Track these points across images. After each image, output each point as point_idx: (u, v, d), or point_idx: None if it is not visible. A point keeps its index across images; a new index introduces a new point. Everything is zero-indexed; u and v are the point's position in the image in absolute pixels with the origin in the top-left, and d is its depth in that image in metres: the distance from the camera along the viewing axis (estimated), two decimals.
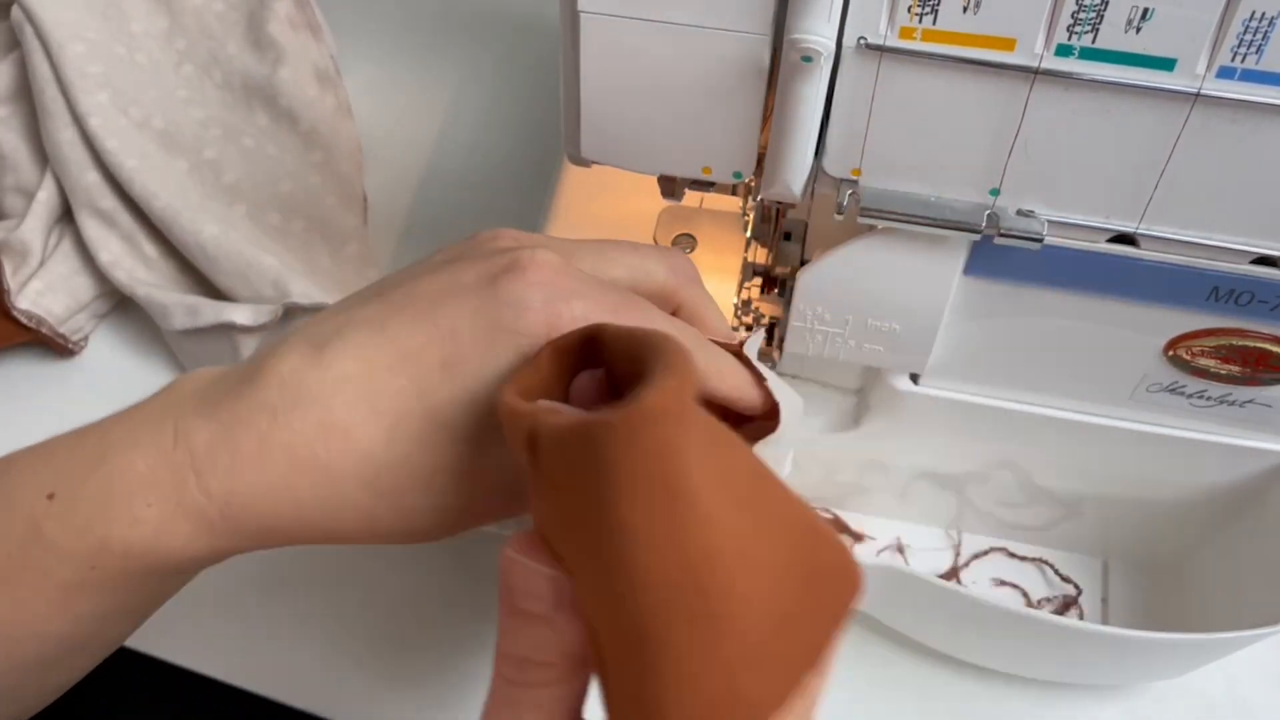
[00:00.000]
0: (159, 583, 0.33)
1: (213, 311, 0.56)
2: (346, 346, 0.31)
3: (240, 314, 0.56)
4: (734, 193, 0.45)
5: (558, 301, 0.31)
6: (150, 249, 0.60)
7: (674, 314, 0.36)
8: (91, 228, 0.59)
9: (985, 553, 0.56)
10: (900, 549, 0.56)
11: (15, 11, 0.61)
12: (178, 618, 0.54)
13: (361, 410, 0.30)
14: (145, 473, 0.30)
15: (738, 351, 0.36)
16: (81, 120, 0.59)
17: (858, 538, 0.56)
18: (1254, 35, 0.31)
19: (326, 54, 0.67)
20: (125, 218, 0.59)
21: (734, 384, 0.34)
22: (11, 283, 0.57)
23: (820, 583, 0.25)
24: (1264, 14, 0.30)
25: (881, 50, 0.33)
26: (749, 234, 0.50)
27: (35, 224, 0.59)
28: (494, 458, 0.31)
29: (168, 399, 0.32)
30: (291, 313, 0.55)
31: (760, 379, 0.36)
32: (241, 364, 0.32)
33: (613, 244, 0.35)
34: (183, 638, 0.53)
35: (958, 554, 0.56)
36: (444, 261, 0.33)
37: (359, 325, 0.31)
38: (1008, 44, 0.33)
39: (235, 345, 0.56)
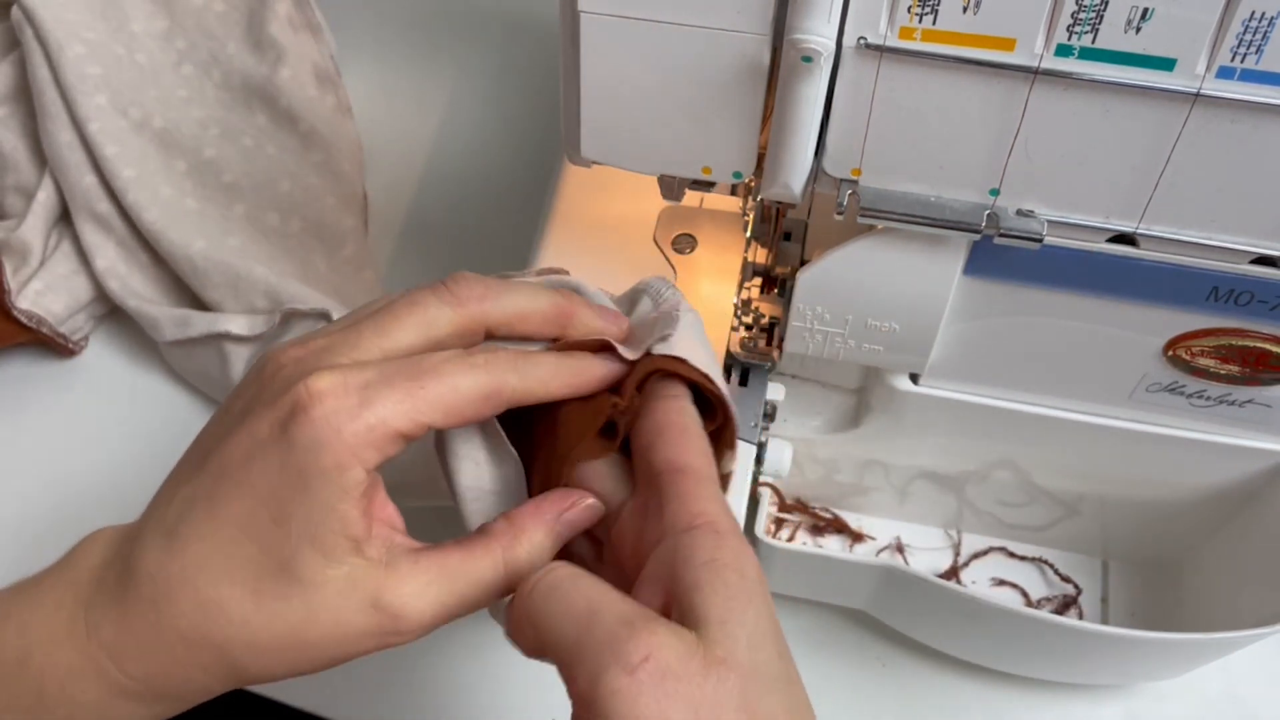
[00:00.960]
0: None
1: (205, 323, 0.56)
2: (190, 529, 0.33)
3: (236, 324, 0.56)
4: (734, 193, 0.45)
5: (352, 424, 0.31)
6: (145, 255, 0.60)
7: (489, 334, 0.36)
8: (88, 232, 0.59)
9: (985, 552, 0.56)
10: (900, 549, 0.56)
11: (15, 12, 0.61)
12: None
13: (225, 584, 0.32)
14: (72, 665, 0.33)
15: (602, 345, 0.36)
16: (80, 124, 0.59)
17: (858, 538, 0.56)
18: (1254, 35, 0.31)
19: (326, 54, 0.67)
20: (121, 223, 0.59)
21: (562, 392, 0.35)
22: (12, 282, 0.57)
23: None
24: (1264, 14, 0.31)
25: (881, 50, 0.33)
26: (749, 234, 0.50)
27: (35, 224, 0.59)
28: (350, 599, 0.32)
29: (72, 582, 0.34)
30: (289, 318, 0.55)
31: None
32: (126, 545, 0.34)
33: (389, 311, 0.35)
34: None
35: (957, 554, 0.56)
36: (241, 411, 0.34)
37: (194, 505, 0.33)
38: (1008, 44, 0.33)
39: (225, 356, 0.56)
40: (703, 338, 0.37)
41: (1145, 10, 0.31)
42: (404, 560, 0.33)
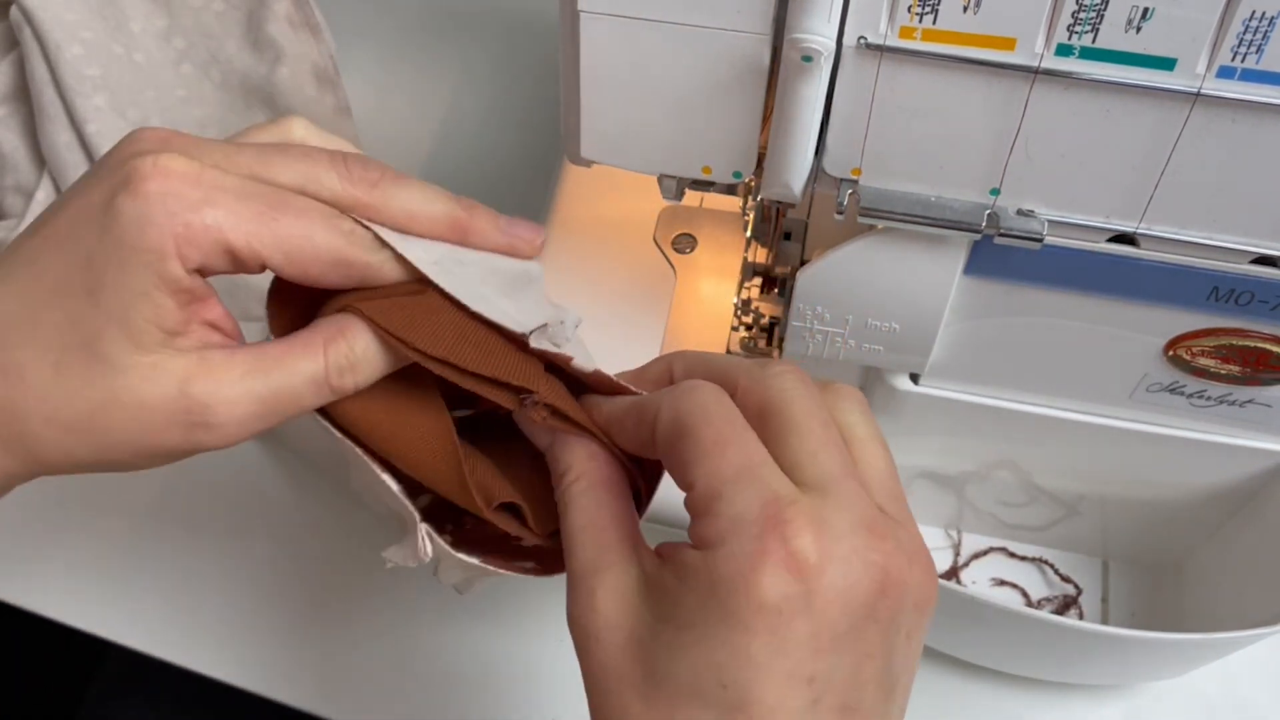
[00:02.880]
0: None
1: None
2: (7, 286, 0.32)
3: None
4: (734, 193, 0.45)
5: (184, 213, 0.30)
6: None
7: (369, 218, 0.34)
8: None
9: (985, 552, 0.56)
10: None
11: (14, 12, 0.61)
12: (179, 619, 0.54)
13: (29, 348, 0.31)
14: None
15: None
16: (79, 125, 0.59)
17: None
18: (1254, 35, 0.31)
19: (326, 54, 0.67)
20: None
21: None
22: None
23: None
24: (1264, 14, 0.30)
25: (882, 50, 0.33)
26: (749, 234, 0.50)
27: None
28: (156, 384, 0.31)
29: None
30: None
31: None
32: None
33: (279, 149, 0.33)
34: (184, 638, 0.53)
35: (958, 554, 0.56)
36: (85, 176, 0.32)
37: (17, 263, 0.32)
38: (1008, 44, 0.33)
39: None
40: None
41: (1146, 10, 0.31)
42: (218, 353, 0.32)
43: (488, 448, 0.37)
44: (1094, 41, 0.32)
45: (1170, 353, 0.42)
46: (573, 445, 0.34)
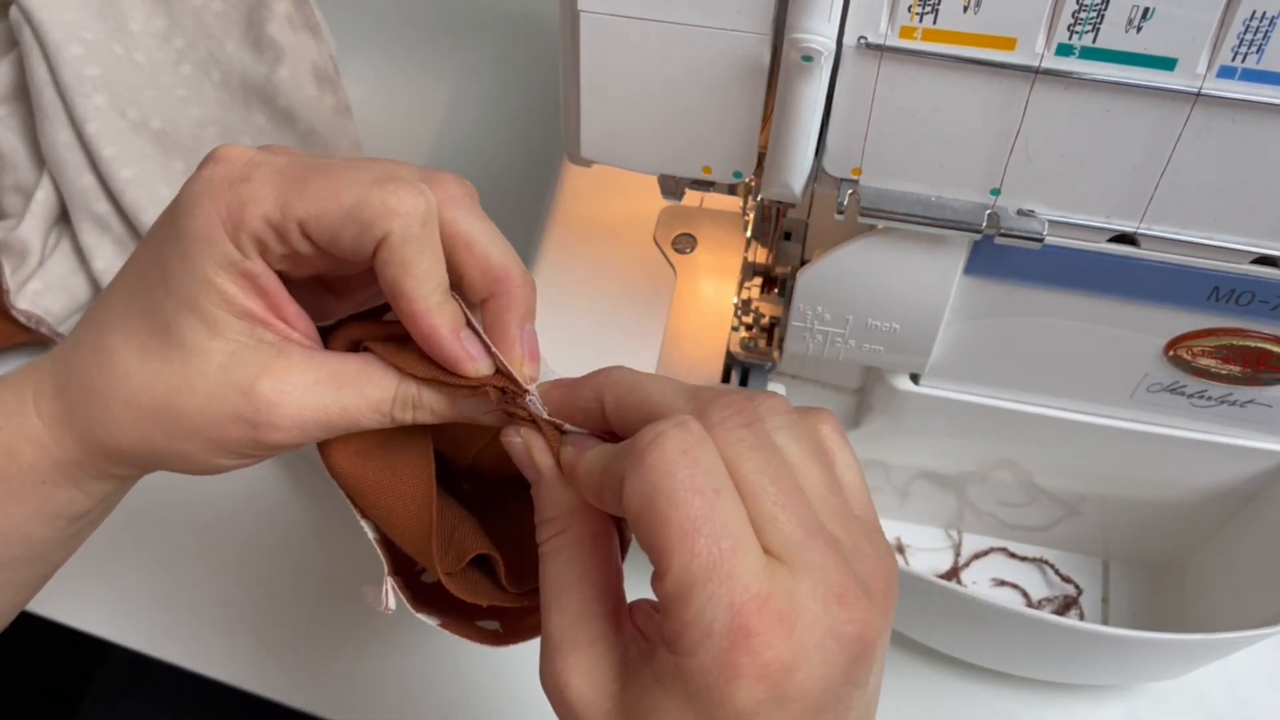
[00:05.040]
0: (26, 519, 0.35)
1: None
2: (116, 279, 0.34)
3: None
4: (734, 193, 0.45)
5: (228, 192, 0.31)
6: None
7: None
8: (86, 232, 0.59)
9: (985, 553, 0.56)
10: (900, 549, 0.56)
11: (13, 11, 0.61)
12: (179, 620, 0.54)
13: (118, 333, 0.33)
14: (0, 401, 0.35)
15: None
16: (79, 125, 0.59)
17: None
18: (1254, 35, 0.31)
19: (326, 53, 0.67)
20: (119, 223, 0.59)
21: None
22: (11, 282, 0.57)
23: None
24: (1264, 14, 0.30)
25: (882, 50, 0.33)
26: (749, 234, 0.50)
27: (34, 224, 0.59)
28: (230, 373, 0.32)
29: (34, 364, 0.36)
30: None
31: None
32: None
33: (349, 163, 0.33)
34: (184, 639, 0.53)
35: (958, 554, 0.56)
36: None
37: (129, 260, 0.34)
38: (1008, 43, 0.33)
39: None
40: None
41: (1146, 10, 0.31)
42: (297, 352, 0.33)
43: (489, 515, 0.37)
44: (1094, 41, 0.32)
45: (1171, 353, 0.42)
46: (556, 490, 0.33)
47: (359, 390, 0.33)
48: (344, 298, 0.37)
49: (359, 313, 0.37)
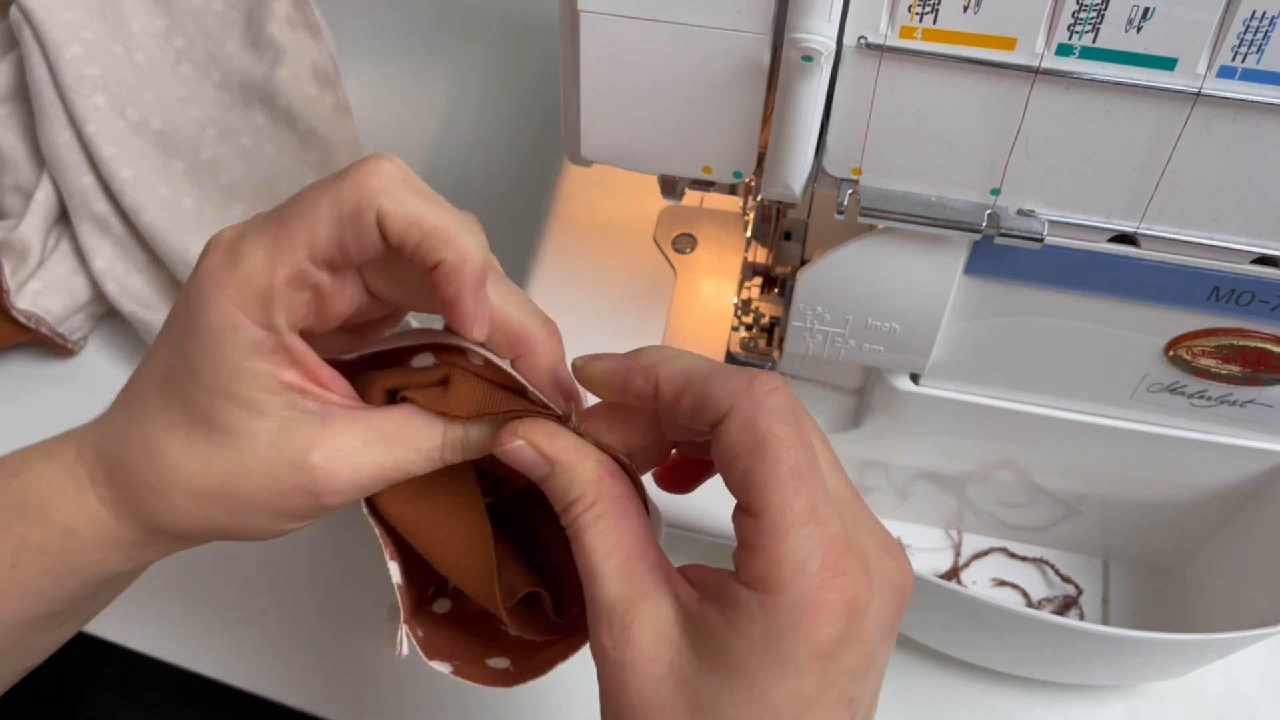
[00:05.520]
0: (81, 586, 0.35)
1: None
2: (139, 379, 0.34)
3: None
4: (734, 193, 0.45)
5: (230, 278, 0.32)
6: (142, 255, 0.60)
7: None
8: (86, 233, 0.59)
9: (985, 553, 0.56)
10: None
11: (13, 11, 0.61)
12: (179, 620, 0.54)
13: (159, 425, 0.33)
14: (54, 480, 0.34)
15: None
16: (79, 125, 0.59)
17: None
18: (1254, 35, 0.31)
19: (326, 53, 0.67)
20: (119, 223, 0.59)
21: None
22: (10, 282, 0.57)
23: None
24: (1264, 14, 0.30)
25: (882, 50, 0.33)
26: (749, 234, 0.50)
27: (34, 224, 0.59)
28: (282, 449, 0.33)
29: (79, 427, 0.36)
30: None
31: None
32: None
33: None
34: (183, 639, 0.53)
35: (958, 554, 0.56)
36: None
37: (152, 357, 0.34)
38: (1008, 43, 0.33)
39: None
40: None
41: (1146, 10, 0.31)
42: (341, 415, 0.33)
43: (511, 533, 0.37)
44: (1094, 41, 0.32)
45: (1171, 353, 0.42)
46: (576, 468, 0.33)
47: (408, 443, 0.34)
48: (365, 336, 0.37)
49: (382, 353, 0.36)
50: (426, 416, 0.34)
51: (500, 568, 0.35)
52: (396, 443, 0.33)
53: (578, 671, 0.32)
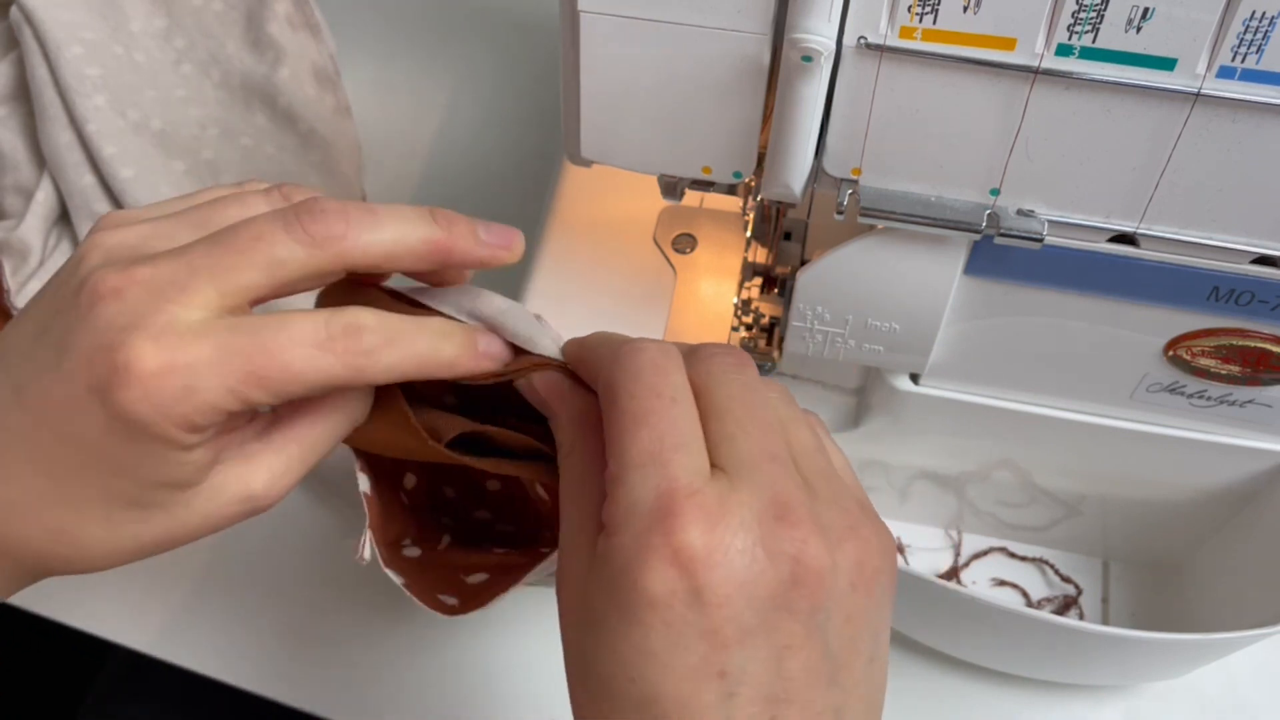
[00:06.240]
0: None
1: None
2: (20, 465, 0.31)
3: None
4: (734, 193, 0.45)
5: (179, 407, 0.29)
6: None
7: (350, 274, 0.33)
8: (87, 232, 0.59)
9: (985, 553, 0.56)
10: (900, 549, 0.56)
11: (14, 11, 0.61)
12: (179, 620, 0.54)
13: (69, 513, 0.31)
14: None
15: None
16: (79, 125, 0.59)
17: None
18: (1254, 35, 0.31)
19: (326, 54, 0.67)
20: None
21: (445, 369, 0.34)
22: (11, 282, 0.57)
23: None
24: (1264, 14, 0.30)
25: (882, 50, 0.33)
26: (749, 234, 0.50)
27: (35, 224, 0.59)
28: (216, 502, 0.32)
29: None
30: None
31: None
32: None
33: (230, 243, 0.30)
34: (183, 639, 0.53)
35: (958, 554, 0.56)
36: (54, 343, 0.30)
37: (16, 441, 0.31)
38: (1008, 44, 0.33)
39: None
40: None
41: (1146, 10, 0.31)
42: (256, 444, 0.33)
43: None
44: (1094, 41, 0.32)
45: (1170, 353, 0.42)
46: (565, 422, 0.34)
47: (321, 441, 0.34)
48: None
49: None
50: (330, 405, 0.34)
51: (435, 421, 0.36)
52: (312, 447, 0.34)
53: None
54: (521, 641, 0.53)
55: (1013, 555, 0.56)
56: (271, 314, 0.31)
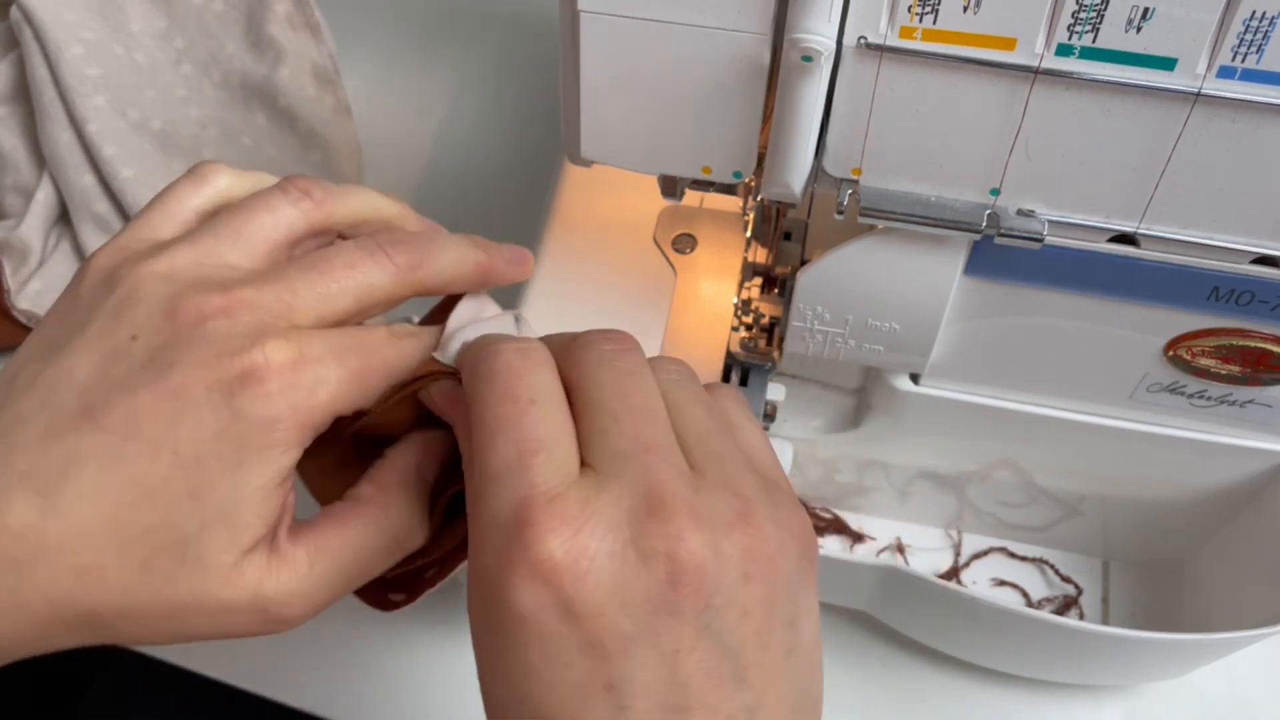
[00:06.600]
0: None
1: None
2: (78, 490, 0.29)
3: None
4: (734, 193, 0.45)
5: (308, 401, 0.29)
6: None
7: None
8: (87, 232, 0.59)
9: (985, 553, 0.56)
10: (900, 549, 0.56)
11: (14, 11, 0.61)
12: None
13: (112, 550, 0.29)
14: None
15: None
16: (79, 125, 0.59)
17: (858, 538, 0.56)
18: (1254, 35, 0.31)
19: (326, 54, 0.67)
20: (120, 223, 0.59)
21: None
22: (11, 282, 0.57)
23: None
24: (1264, 14, 0.30)
25: (882, 50, 0.33)
26: (749, 234, 0.50)
27: (35, 224, 0.59)
28: (234, 588, 0.30)
29: None
30: None
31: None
32: None
33: (323, 268, 0.32)
34: None
35: (958, 554, 0.56)
36: (149, 359, 0.29)
37: (84, 462, 0.29)
38: (1008, 44, 0.33)
39: None
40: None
41: (1146, 10, 0.31)
42: (284, 544, 0.31)
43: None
44: (1094, 41, 0.32)
45: (1171, 353, 0.42)
46: (462, 432, 0.32)
47: (350, 553, 0.32)
48: None
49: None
50: (360, 516, 0.33)
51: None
52: (339, 557, 0.32)
53: None
54: None
55: (1013, 555, 0.56)
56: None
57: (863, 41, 0.33)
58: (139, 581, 0.29)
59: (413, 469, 0.34)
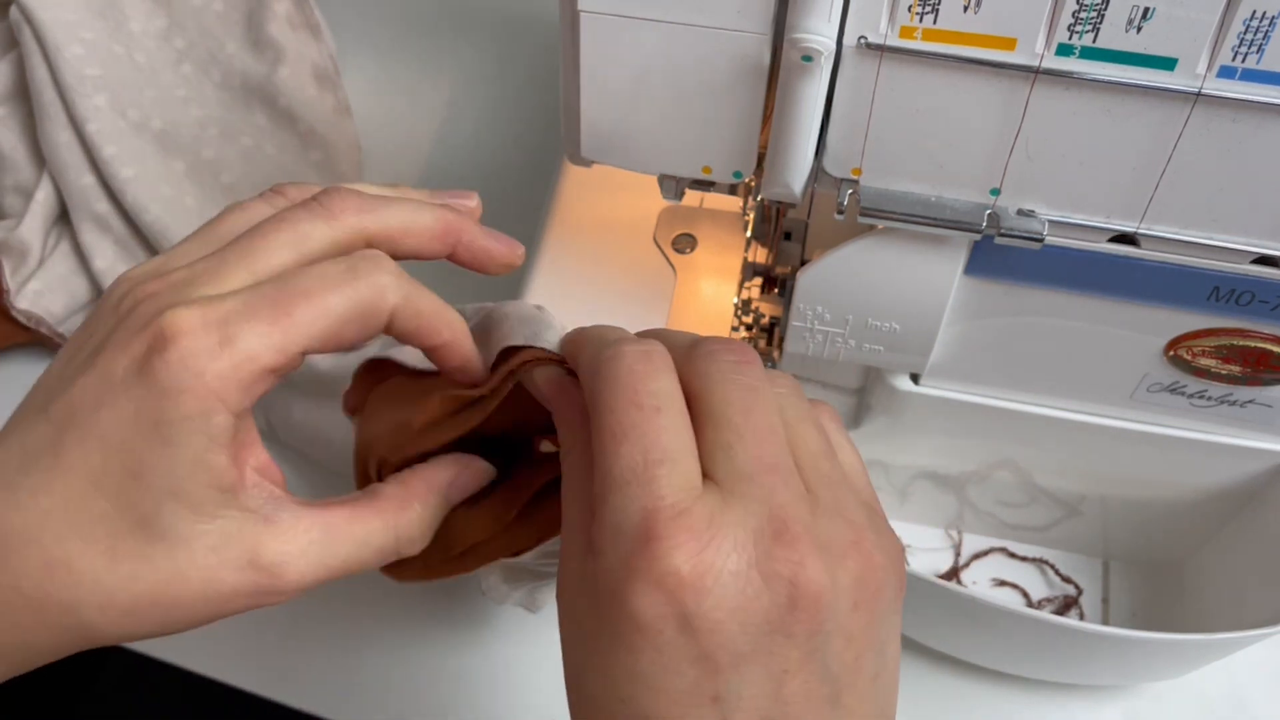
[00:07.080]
0: None
1: None
2: (34, 482, 0.29)
3: None
4: (734, 193, 0.45)
5: (214, 364, 0.29)
6: (144, 255, 0.60)
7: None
8: (87, 232, 0.59)
9: (985, 553, 0.56)
10: None
11: (13, 11, 0.61)
12: None
13: (74, 541, 0.29)
14: None
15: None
16: (79, 125, 0.59)
17: None
18: (1254, 35, 0.31)
19: (326, 53, 0.67)
20: (119, 222, 0.59)
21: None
22: (11, 283, 0.57)
23: None
24: (1264, 14, 0.30)
25: (882, 50, 0.33)
26: (749, 234, 0.50)
27: (34, 224, 0.59)
28: (224, 553, 0.30)
29: None
30: None
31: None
32: None
33: (257, 232, 0.31)
34: (184, 639, 0.53)
35: (958, 554, 0.56)
36: (92, 350, 0.30)
37: (38, 456, 0.29)
38: (1008, 43, 0.33)
39: None
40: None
41: (1146, 10, 0.31)
42: (285, 514, 0.31)
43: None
44: (1094, 41, 0.32)
45: (1171, 353, 0.42)
46: (565, 419, 0.33)
47: (355, 541, 0.32)
48: None
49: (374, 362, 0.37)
50: (374, 510, 0.33)
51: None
52: (345, 541, 0.32)
53: None
54: (523, 644, 0.53)
55: (1013, 555, 0.56)
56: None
57: (863, 41, 0.33)
58: (108, 570, 0.29)
59: (441, 487, 0.34)
